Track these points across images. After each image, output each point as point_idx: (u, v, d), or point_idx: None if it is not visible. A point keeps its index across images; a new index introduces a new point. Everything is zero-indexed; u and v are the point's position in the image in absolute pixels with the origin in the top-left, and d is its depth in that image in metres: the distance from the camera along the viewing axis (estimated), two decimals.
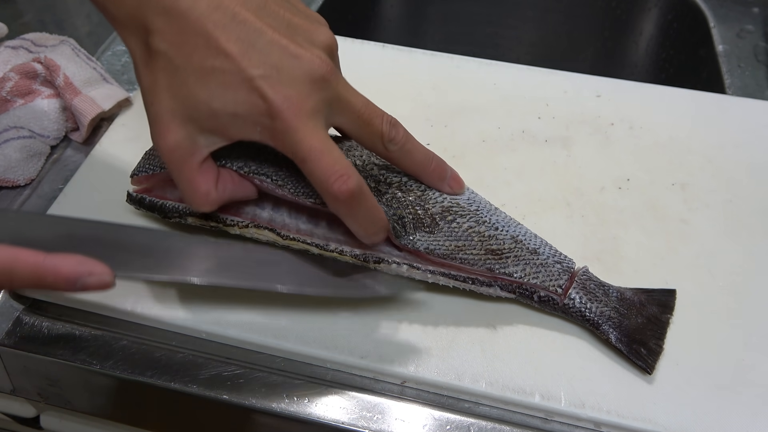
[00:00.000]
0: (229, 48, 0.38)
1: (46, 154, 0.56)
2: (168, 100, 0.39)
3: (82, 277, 0.36)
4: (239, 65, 0.38)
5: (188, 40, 0.38)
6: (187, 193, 0.41)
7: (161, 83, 0.39)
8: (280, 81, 0.38)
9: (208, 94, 0.38)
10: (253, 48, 0.38)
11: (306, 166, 0.39)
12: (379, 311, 0.45)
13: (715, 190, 0.53)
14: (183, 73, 0.38)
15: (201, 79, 0.38)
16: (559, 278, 0.44)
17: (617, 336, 0.43)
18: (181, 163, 0.40)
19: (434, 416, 0.42)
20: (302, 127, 0.38)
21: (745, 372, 0.43)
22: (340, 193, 0.38)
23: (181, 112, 0.39)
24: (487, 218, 0.44)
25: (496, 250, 0.43)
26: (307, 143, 0.38)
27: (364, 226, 0.41)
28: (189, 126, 0.39)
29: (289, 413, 0.42)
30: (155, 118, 0.39)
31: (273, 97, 0.38)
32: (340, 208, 0.40)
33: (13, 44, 0.61)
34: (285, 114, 0.38)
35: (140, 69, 0.40)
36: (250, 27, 0.38)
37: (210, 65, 0.38)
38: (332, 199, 0.39)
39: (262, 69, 0.38)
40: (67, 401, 0.48)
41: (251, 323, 0.44)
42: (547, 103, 0.60)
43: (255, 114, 0.38)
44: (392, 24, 0.96)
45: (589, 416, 0.41)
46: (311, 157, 0.38)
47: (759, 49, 0.71)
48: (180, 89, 0.38)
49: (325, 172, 0.38)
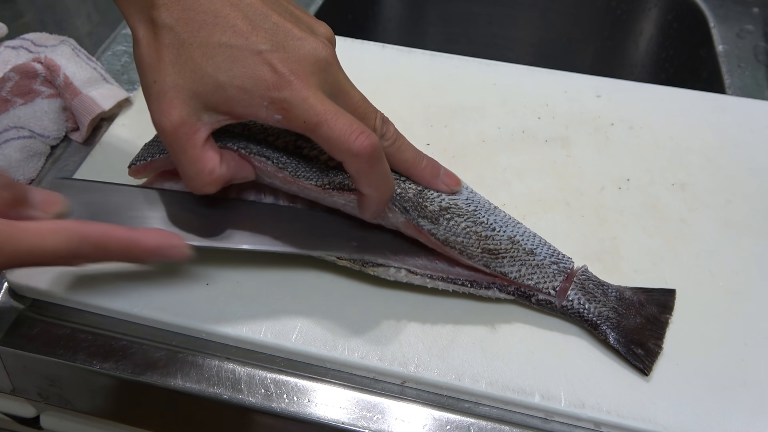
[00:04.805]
0: (237, 24, 0.39)
1: (46, 154, 0.56)
2: (173, 76, 0.39)
3: (165, 249, 0.39)
4: (248, 39, 0.38)
5: (195, 16, 0.39)
6: (191, 173, 0.41)
7: (166, 59, 0.39)
8: (287, 56, 0.39)
9: (215, 67, 0.38)
10: (260, 27, 0.39)
11: (321, 130, 0.38)
12: (380, 311, 0.45)
13: (714, 190, 0.53)
14: (189, 48, 0.38)
15: (208, 54, 0.38)
16: (554, 280, 0.44)
17: (615, 337, 0.43)
18: (185, 141, 0.40)
19: (434, 416, 0.42)
20: (313, 94, 0.38)
21: (745, 372, 0.43)
22: (363, 148, 0.38)
23: (187, 87, 0.39)
24: (485, 218, 0.44)
25: (493, 250, 0.44)
26: (321, 107, 0.38)
27: (380, 187, 0.41)
28: (194, 102, 0.39)
29: (289, 413, 0.42)
30: (159, 94, 0.39)
31: (282, 69, 0.38)
32: (362, 165, 0.39)
33: (13, 44, 0.61)
34: (295, 84, 0.38)
35: (143, 46, 0.40)
36: (257, 9, 0.39)
37: (217, 40, 0.38)
38: (353, 156, 0.39)
39: (269, 44, 0.39)
40: (67, 401, 0.48)
41: (251, 323, 0.44)
42: (547, 103, 0.60)
43: (263, 88, 0.38)
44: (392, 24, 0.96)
45: (589, 416, 0.41)
46: (327, 119, 0.38)
47: (759, 49, 0.71)
48: (186, 64, 0.39)
49: (345, 131, 0.38)
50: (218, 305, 0.45)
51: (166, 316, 0.45)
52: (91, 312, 0.46)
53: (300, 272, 0.47)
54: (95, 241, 0.37)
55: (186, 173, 0.41)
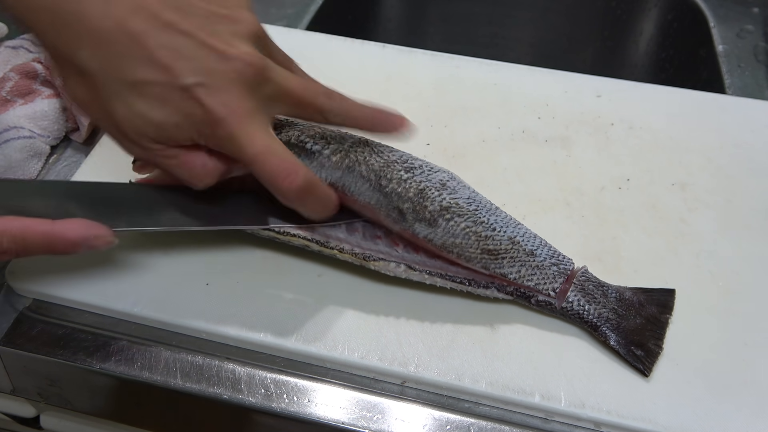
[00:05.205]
0: (157, 57, 0.37)
1: (46, 154, 0.56)
2: (116, 113, 0.38)
3: (88, 240, 0.38)
4: (171, 75, 0.37)
5: (112, 48, 0.37)
6: (185, 176, 0.41)
7: (98, 99, 0.38)
8: (215, 87, 0.38)
9: (148, 107, 0.38)
10: (181, 55, 0.37)
11: (254, 168, 0.39)
12: (379, 311, 0.45)
13: (714, 190, 0.53)
14: (114, 86, 0.37)
15: (136, 92, 0.37)
16: (554, 281, 0.44)
17: (615, 338, 0.43)
18: (164, 159, 0.40)
19: (434, 416, 0.42)
20: (244, 132, 0.38)
21: (744, 372, 0.43)
22: (291, 190, 0.39)
23: (133, 122, 0.38)
24: (485, 218, 0.44)
25: (493, 250, 0.44)
26: (251, 148, 0.38)
27: (317, 212, 0.43)
28: (144, 133, 0.39)
29: (289, 413, 0.42)
30: (113, 128, 0.39)
31: (211, 105, 0.37)
32: (293, 202, 0.41)
33: (13, 44, 0.61)
34: (225, 121, 0.38)
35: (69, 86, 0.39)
36: (175, 30, 0.37)
37: (141, 77, 0.37)
38: (283, 195, 0.40)
39: (194, 77, 0.37)
40: (67, 401, 0.48)
41: (251, 323, 0.44)
42: (547, 103, 0.60)
43: (196, 123, 0.38)
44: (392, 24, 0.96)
45: (589, 416, 0.41)
46: (257, 160, 0.39)
47: (759, 49, 0.71)
48: (120, 101, 0.38)
49: (273, 173, 0.39)
50: (218, 305, 0.45)
51: (166, 316, 0.45)
52: (91, 312, 0.46)
53: (300, 272, 0.47)
54: (15, 235, 0.37)
55: (182, 178, 0.41)
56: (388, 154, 0.45)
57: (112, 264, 0.47)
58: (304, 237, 0.44)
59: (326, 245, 0.44)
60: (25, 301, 0.47)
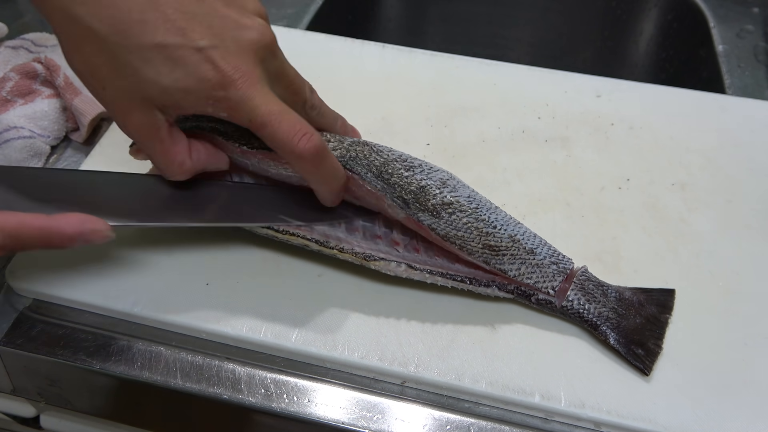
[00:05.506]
0: (169, 17, 0.37)
1: (46, 154, 0.56)
2: (119, 81, 0.38)
3: (85, 234, 0.38)
4: (184, 36, 0.37)
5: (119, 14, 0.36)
6: (162, 165, 0.42)
7: (104, 66, 0.38)
8: (229, 51, 0.38)
9: (156, 72, 0.37)
10: (197, 20, 0.37)
11: (266, 130, 0.39)
12: (380, 311, 0.45)
13: (714, 190, 0.53)
14: (124, 52, 0.37)
15: (145, 57, 0.37)
16: (553, 280, 0.44)
17: (615, 337, 0.43)
18: (150, 140, 0.40)
19: (434, 416, 0.42)
20: (257, 93, 0.38)
21: (744, 372, 0.43)
22: (306, 150, 0.39)
23: (136, 91, 0.38)
24: (486, 216, 0.44)
25: (494, 246, 0.44)
26: (265, 108, 0.38)
27: (329, 182, 0.42)
28: (147, 103, 0.39)
29: (289, 413, 0.42)
30: (112, 100, 0.39)
31: (224, 67, 0.38)
32: (306, 166, 0.40)
33: (13, 44, 0.61)
34: (239, 82, 0.38)
35: (72, 52, 0.38)
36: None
37: (151, 41, 0.37)
38: (297, 157, 0.39)
39: (208, 39, 0.37)
40: (67, 401, 0.48)
41: (251, 323, 0.44)
42: (547, 103, 0.60)
43: (207, 87, 0.38)
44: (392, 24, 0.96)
45: (589, 416, 0.41)
46: (271, 120, 0.38)
47: (759, 49, 0.71)
48: (125, 69, 0.37)
49: (288, 133, 0.39)
50: (218, 305, 0.45)
51: (166, 316, 0.45)
52: (91, 312, 0.46)
53: (300, 272, 0.47)
54: (10, 230, 0.36)
55: (158, 166, 0.42)
56: (388, 153, 0.45)
57: (113, 264, 0.47)
58: (303, 236, 0.44)
59: (326, 245, 0.44)
60: (25, 301, 0.47)
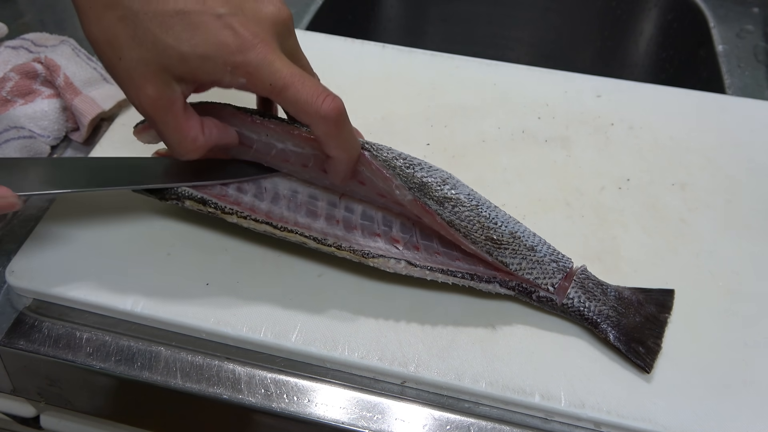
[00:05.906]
0: None
1: (46, 154, 0.56)
2: (137, 50, 0.38)
3: None
4: (204, 4, 0.37)
5: None
6: (174, 141, 0.41)
7: (123, 34, 0.38)
8: (247, 18, 0.38)
9: (176, 38, 0.37)
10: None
11: (288, 92, 0.38)
12: (380, 311, 0.45)
13: (714, 190, 0.53)
14: (144, 19, 0.37)
15: (165, 24, 0.37)
16: (553, 277, 0.44)
17: (615, 335, 0.43)
18: (164, 113, 0.40)
19: (434, 416, 0.42)
20: (278, 57, 0.38)
21: (744, 372, 0.43)
22: (331, 110, 0.39)
23: (154, 60, 0.38)
24: (487, 214, 0.44)
25: (496, 239, 0.44)
26: (286, 70, 0.38)
27: (348, 149, 0.41)
28: (164, 74, 0.39)
29: (289, 413, 0.42)
30: (128, 71, 0.39)
31: (244, 33, 0.38)
32: (330, 128, 0.39)
33: (13, 44, 0.61)
34: (259, 47, 0.38)
35: (92, 22, 0.38)
36: None
37: (172, 8, 0.37)
38: (321, 118, 0.39)
39: (227, 7, 0.38)
40: (67, 401, 0.48)
41: (251, 323, 0.44)
42: (547, 103, 0.60)
43: (226, 53, 0.38)
44: (392, 24, 0.96)
45: (589, 416, 0.41)
46: (294, 82, 0.38)
47: (759, 49, 0.71)
48: (145, 37, 0.38)
49: (311, 94, 0.38)
50: (218, 305, 0.45)
51: (166, 316, 0.45)
52: (91, 312, 0.46)
53: (300, 272, 0.47)
54: None
55: (169, 142, 0.41)
56: (388, 152, 0.45)
57: (112, 264, 0.47)
58: (302, 233, 0.44)
59: (323, 242, 0.44)
60: (25, 301, 0.47)
